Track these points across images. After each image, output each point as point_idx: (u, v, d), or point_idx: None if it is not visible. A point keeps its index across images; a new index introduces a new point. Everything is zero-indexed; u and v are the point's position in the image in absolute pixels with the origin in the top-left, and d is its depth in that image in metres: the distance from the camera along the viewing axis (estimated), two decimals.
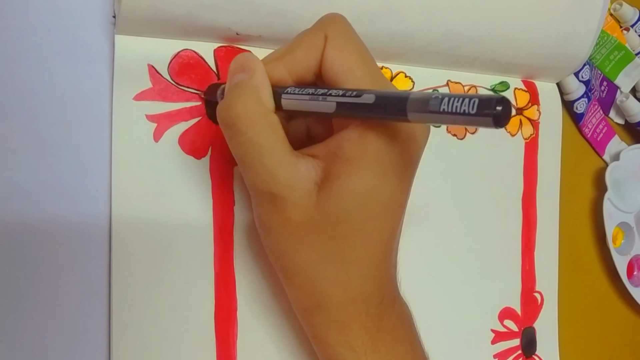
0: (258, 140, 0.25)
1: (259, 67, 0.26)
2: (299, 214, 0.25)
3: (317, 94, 0.25)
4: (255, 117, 0.25)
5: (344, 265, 0.26)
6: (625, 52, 0.47)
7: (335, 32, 0.26)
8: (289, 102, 0.26)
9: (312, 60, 0.26)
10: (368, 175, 0.25)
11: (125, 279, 0.29)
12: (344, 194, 0.25)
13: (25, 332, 0.27)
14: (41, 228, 0.28)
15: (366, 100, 0.23)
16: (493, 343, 0.40)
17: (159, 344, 0.30)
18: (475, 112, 0.20)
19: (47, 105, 0.28)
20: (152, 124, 0.30)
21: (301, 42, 0.27)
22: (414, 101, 0.22)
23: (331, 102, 0.24)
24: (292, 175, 0.25)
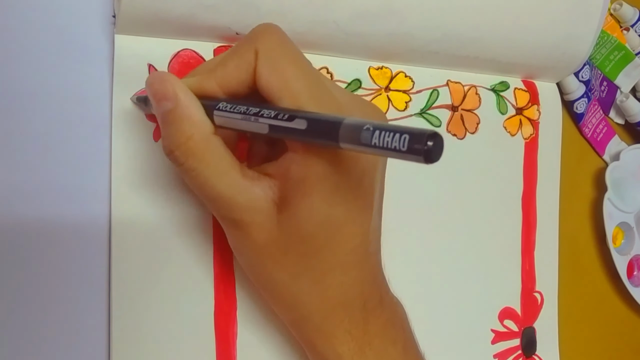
0: (207, 172, 0.25)
1: (180, 89, 0.25)
2: (263, 236, 0.25)
3: (249, 113, 0.24)
4: (195, 149, 0.24)
5: (317, 279, 0.26)
6: (625, 52, 0.47)
7: (266, 45, 0.25)
8: (221, 120, 0.25)
9: (243, 75, 0.25)
10: (318, 196, 0.24)
11: (125, 278, 0.29)
12: (301, 215, 0.24)
13: (25, 331, 0.27)
14: (41, 228, 0.28)
15: (298, 125, 0.23)
16: (493, 343, 0.40)
17: (159, 344, 0.30)
18: (405, 149, 0.19)
19: (47, 105, 0.28)
20: (152, 123, 0.30)
21: (232, 56, 0.26)
22: (346, 130, 0.21)
23: (263, 123, 0.24)
24: (249, 198, 0.25)
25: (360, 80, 0.36)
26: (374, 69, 0.37)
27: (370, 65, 0.37)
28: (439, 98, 0.39)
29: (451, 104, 0.39)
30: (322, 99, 0.25)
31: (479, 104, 0.40)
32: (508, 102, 0.42)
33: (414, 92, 0.38)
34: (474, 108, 0.40)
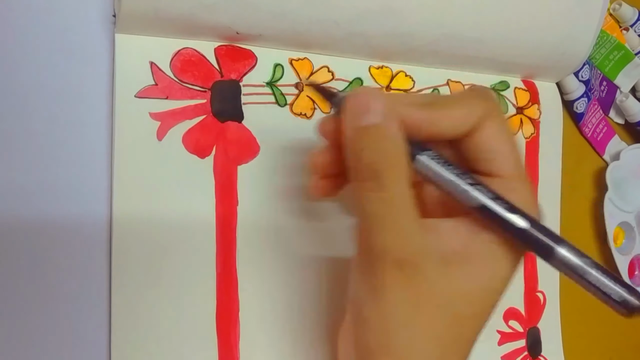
0: (401, 200, 0.23)
1: (392, 110, 0.24)
2: (427, 287, 0.23)
3: (464, 176, 0.24)
4: (400, 172, 0.23)
5: (458, 352, 0.25)
6: (624, 51, 0.47)
7: (498, 109, 0.25)
8: (427, 165, 0.24)
9: (465, 126, 0.24)
10: (510, 261, 0.24)
11: (126, 278, 0.29)
12: (482, 275, 0.24)
13: (25, 331, 0.27)
14: (42, 227, 0.28)
15: (518, 221, 0.23)
16: (500, 344, 0.40)
17: (160, 344, 0.29)
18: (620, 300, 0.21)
19: (47, 104, 0.28)
20: (156, 122, 0.30)
21: (461, 103, 0.25)
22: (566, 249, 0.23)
23: (478, 196, 0.23)
24: (426, 242, 0.23)
25: (361, 79, 0.36)
26: (374, 69, 0.37)
27: (370, 65, 0.37)
28: None
29: None
30: (525, 177, 0.25)
31: None
32: (508, 102, 0.42)
33: (414, 91, 0.38)
34: None
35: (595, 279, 0.22)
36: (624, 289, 0.21)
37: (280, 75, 0.33)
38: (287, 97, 0.33)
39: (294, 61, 0.34)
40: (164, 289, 0.30)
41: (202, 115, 0.31)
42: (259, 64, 0.33)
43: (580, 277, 0.22)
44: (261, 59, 0.33)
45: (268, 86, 0.33)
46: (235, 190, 0.32)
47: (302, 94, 0.34)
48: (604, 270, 0.22)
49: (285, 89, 0.33)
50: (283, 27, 0.31)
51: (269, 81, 0.33)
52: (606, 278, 0.22)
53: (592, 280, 0.22)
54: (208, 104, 0.31)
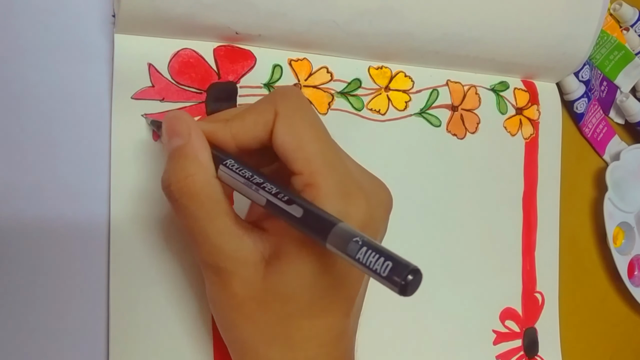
0: (201, 214, 0.24)
1: (194, 129, 0.25)
2: (243, 289, 0.25)
3: (252, 180, 0.25)
4: (195, 189, 0.24)
5: (289, 347, 0.25)
6: (625, 52, 0.47)
7: (287, 107, 0.26)
8: (224, 176, 0.25)
9: (259, 131, 0.26)
10: (318, 261, 0.24)
11: (123, 278, 0.29)
12: (292, 273, 0.24)
13: (23, 331, 0.27)
14: (40, 227, 0.28)
15: (294, 211, 0.23)
16: (495, 344, 0.40)
17: (157, 343, 0.30)
18: (385, 275, 0.20)
19: (46, 104, 0.28)
20: None
21: (252, 112, 0.26)
22: (336, 235, 0.22)
23: (262, 195, 0.24)
24: (238, 248, 0.25)
25: (360, 79, 0.36)
26: (373, 69, 0.37)
27: (370, 65, 0.37)
28: (438, 98, 0.39)
29: (451, 104, 0.39)
30: (335, 165, 0.25)
31: (479, 104, 0.40)
32: (508, 102, 0.42)
33: (413, 91, 0.38)
34: (473, 108, 0.40)
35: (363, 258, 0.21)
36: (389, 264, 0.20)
37: (279, 76, 0.33)
38: None
39: (293, 62, 0.34)
40: (161, 288, 0.30)
41: (197, 116, 0.31)
42: (258, 64, 0.33)
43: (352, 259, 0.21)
44: (260, 60, 0.33)
45: (265, 87, 0.33)
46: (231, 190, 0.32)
47: None
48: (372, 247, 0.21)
49: None
50: (282, 27, 0.31)
51: (267, 82, 0.33)
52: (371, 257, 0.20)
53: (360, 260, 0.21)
54: (203, 106, 0.31)
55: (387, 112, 0.37)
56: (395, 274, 0.20)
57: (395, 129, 0.37)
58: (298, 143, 0.25)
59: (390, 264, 0.20)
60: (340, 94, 0.35)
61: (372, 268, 0.20)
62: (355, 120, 0.36)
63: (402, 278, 0.20)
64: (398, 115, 0.37)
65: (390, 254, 0.20)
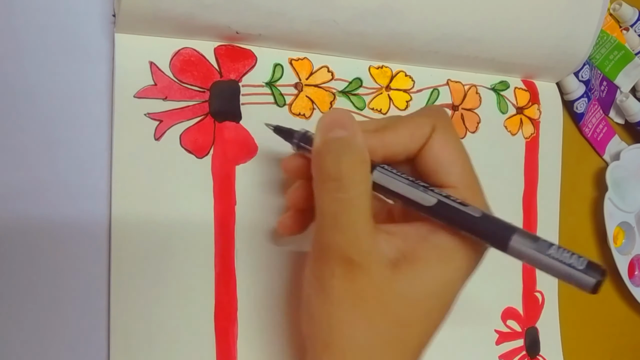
0: (358, 202, 0.24)
1: (358, 128, 0.26)
2: (371, 287, 0.24)
3: (417, 183, 0.26)
4: (360, 179, 0.25)
5: (401, 354, 0.25)
6: (624, 51, 0.47)
7: (444, 123, 0.27)
8: (383, 177, 0.26)
9: (414, 143, 0.27)
10: (455, 267, 0.25)
11: (124, 278, 0.29)
12: (426, 279, 0.25)
13: (24, 331, 0.27)
14: (41, 227, 0.28)
15: (471, 211, 0.24)
16: (498, 344, 0.40)
17: (159, 343, 0.30)
18: (582, 269, 0.22)
19: (47, 104, 0.28)
20: (154, 122, 0.30)
21: (407, 124, 0.27)
22: (521, 235, 0.23)
23: (432, 196, 0.25)
24: (375, 246, 0.25)
25: (361, 79, 0.36)
26: (374, 68, 0.37)
27: (370, 65, 0.37)
28: (439, 97, 0.39)
29: (452, 103, 0.39)
30: (479, 187, 0.27)
31: (480, 104, 0.40)
32: (508, 102, 0.42)
33: (414, 91, 0.38)
34: (474, 107, 0.40)
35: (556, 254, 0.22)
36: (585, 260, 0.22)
37: (280, 75, 0.33)
38: (286, 97, 0.33)
39: (293, 61, 0.34)
40: (163, 288, 0.30)
41: (200, 115, 0.31)
42: (259, 63, 0.33)
43: (543, 255, 0.22)
44: (261, 59, 0.33)
45: (267, 86, 0.33)
46: (234, 190, 0.32)
47: (301, 94, 0.34)
48: (560, 247, 0.22)
49: (284, 89, 0.33)
50: (283, 26, 0.31)
51: (268, 81, 0.33)
52: (565, 253, 0.22)
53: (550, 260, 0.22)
54: (206, 104, 0.31)
55: (388, 112, 0.37)
56: (592, 269, 0.21)
57: None
58: (455, 157, 0.26)
59: (586, 261, 0.22)
60: (341, 93, 0.35)
61: (567, 263, 0.22)
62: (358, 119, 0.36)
63: (598, 274, 0.21)
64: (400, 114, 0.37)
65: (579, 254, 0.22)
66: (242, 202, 0.32)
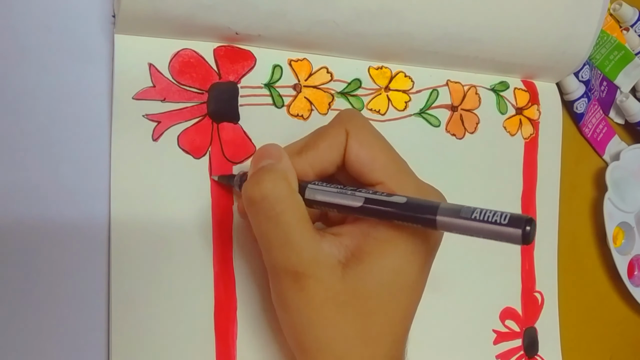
0: (285, 218, 0.26)
1: (284, 155, 0.28)
2: (323, 292, 0.26)
3: (345, 189, 0.27)
4: (283, 194, 0.26)
5: (368, 343, 0.26)
6: (625, 52, 0.47)
7: (356, 126, 0.28)
8: (313, 193, 0.27)
9: (335, 154, 0.28)
10: (400, 255, 0.26)
11: (124, 278, 0.29)
12: (374, 271, 0.26)
13: (24, 331, 0.27)
14: (40, 227, 0.28)
15: (397, 200, 0.25)
16: (495, 343, 0.40)
17: (158, 344, 0.30)
18: (506, 223, 0.22)
19: (47, 104, 0.28)
20: (152, 123, 0.30)
21: (324, 138, 0.28)
22: (444, 209, 0.24)
23: (359, 197, 0.26)
24: (317, 252, 0.26)
25: (360, 80, 0.36)
26: (373, 69, 0.37)
27: (370, 65, 0.37)
28: (438, 98, 0.39)
29: (451, 104, 0.39)
30: (407, 170, 0.28)
31: (479, 104, 0.41)
32: (508, 102, 0.42)
33: (413, 92, 0.38)
34: (473, 108, 0.40)
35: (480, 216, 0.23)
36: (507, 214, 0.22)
37: (279, 77, 0.33)
38: (285, 99, 0.34)
39: (293, 62, 0.34)
40: (162, 288, 0.30)
41: (198, 116, 0.31)
42: (258, 65, 0.33)
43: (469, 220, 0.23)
44: (260, 60, 0.33)
45: (266, 87, 0.33)
46: (231, 190, 0.32)
47: (299, 96, 0.34)
48: (483, 210, 0.23)
49: (283, 90, 0.34)
50: (282, 27, 0.31)
51: (267, 82, 0.33)
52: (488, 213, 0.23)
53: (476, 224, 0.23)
54: (205, 106, 0.31)
55: (387, 112, 0.37)
56: (515, 222, 0.22)
57: (395, 129, 0.37)
58: (373, 155, 0.28)
59: (508, 215, 0.22)
60: (340, 94, 0.35)
61: (491, 221, 0.22)
62: None
63: (523, 224, 0.22)
64: (398, 115, 0.37)
65: (502, 211, 0.23)
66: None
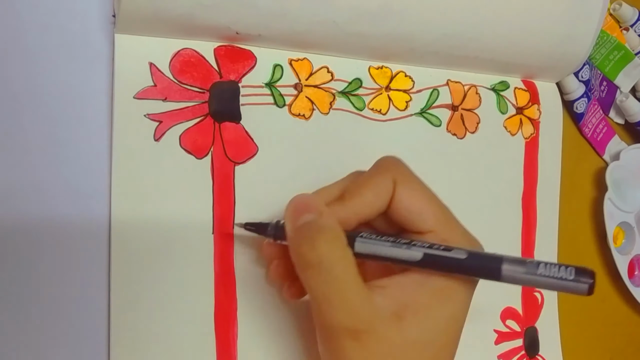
0: (342, 278, 0.26)
1: (324, 207, 0.27)
2: (382, 346, 0.26)
3: (399, 242, 0.27)
4: (339, 256, 0.26)
5: None
6: (624, 51, 0.47)
7: (403, 175, 0.28)
8: (364, 246, 0.27)
9: (380, 202, 0.28)
10: (457, 302, 0.27)
11: (124, 278, 0.29)
12: (432, 321, 0.26)
13: (24, 331, 0.27)
14: (41, 227, 0.28)
15: (457, 254, 0.26)
16: (497, 344, 0.40)
17: (159, 344, 0.30)
18: (572, 278, 0.23)
19: (47, 104, 0.28)
20: (154, 123, 0.30)
21: (369, 186, 0.28)
22: (510, 263, 0.24)
23: (417, 251, 0.26)
24: (373, 307, 0.26)
25: (361, 79, 0.36)
26: (374, 69, 0.37)
27: (370, 65, 0.37)
28: (439, 97, 0.39)
29: (451, 104, 0.39)
30: (453, 219, 0.28)
31: (479, 104, 0.41)
32: (508, 102, 0.42)
33: (414, 91, 0.38)
34: (474, 107, 0.40)
35: (546, 272, 0.24)
36: (572, 269, 0.23)
37: (279, 76, 0.33)
38: (286, 98, 0.34)
39: (293, 62, 0.34)
40: (162, 288, 0.30)
41: (200, 116, 0.31)
42: (259, 64, 0.33)
43: (535, 276, 0.24)
44: (261, 60, 0.33)
45: (267, 87, 0.33)
46: (233, 190, 0.32)
47: (300, 95, 0.34)
48: (547, 263, 0.24)
49: (284, 89, 0.34)
50: (282, 27, 0.31)
51: (268, 82, 0.33)
52: (553, 268, 0.24)
53: (542, 279, 0.24)
54: (206, 105, 0.31)
55: (388, 112, 0.37)
56: (581, 276, 0.23)
57: (396, 128, 0.37)
58: (424, 204, 0.28)
59: (574, 269, 0.23)
60: (341, 93, 0.35)
61: (557, 277, 0.23)
62: (357, 120, 0.36)
63: (588, 278, 0.23)
64: (399, 115, 0.37)
65: (565, 264, 0.24)
66: (242, 203, 0.32)
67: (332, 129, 0.35)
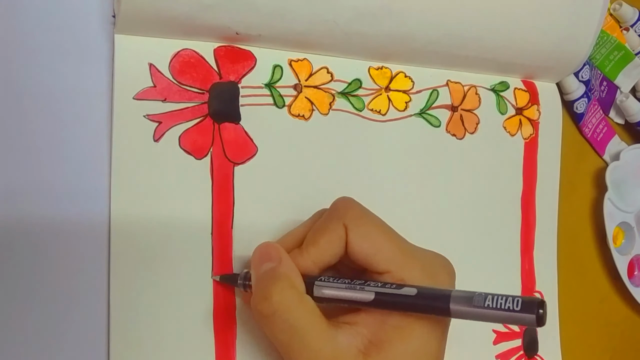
0: (300, 324, 0.26)
1: (284, 255, 0.28)
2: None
3: (354, 283, 0.27)
4: (293, 302, 0.26)
5: None
6: (625, 52, 0.47)
7: (353, 218, 0.28)
8: (322, 290, 0.28)
9: (336, 248, 0.28)
10: (417, 338, 0.27)
11: (124, 278, 0.29)
12: (395, 357, 0.27)
13: (24, 330, 0.27)
14: (40, 227, 0.28)
15: (407, 292, 0.26)
16: (495, 344, 0.40)
17: (158, 344, 0.30)
18: (519, 309, 0.23)
19: (47, 105, 0.28)
20: (153, 123, 0.30)
21: (322, 234, 0.29)
22: (457, 298, 0.25)
23: (369, 292, 0.27)
24: (336, 348, 0.26)
25: (361, 80, 0.36)
26: (373, 69, 0.37)
27: (370, 65, 0.37)
28: (438, 98, 0.39)
29: (451, 104, 0.39)
30: (412, 254, 0.29)
31: (479, 104, 0.41)
32: (508, 102, 0.42)
33: (413, 92, 0.38)
34: (473, 108, 0.40)
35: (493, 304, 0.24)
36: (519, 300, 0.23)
37: (279, 77, 0.33)
38: (286, 99, 0.34)
39: (293, 62, 0.34)
40: (161, 288, 0.30)
41: (199, 116, 0.31)
42: (258, 65, 0.33)
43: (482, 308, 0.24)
44: (260, 60, 0.33)
45: (267, 87, 0.33)
46: (232, 191, 0.32)
47: (300, 96, 0.34)
48: (495, 295, 0.24)
49: (283, 90, 0.34)
50: (282, 27, 0.31)
51: (267, 82, 0.33)
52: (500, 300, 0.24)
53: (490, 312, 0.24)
54: (206, 106, 0.31)
55: (387, 113, 0.37)
56: (527, 307, 0.23)
57: (395, 129, 0.37)
58: (376, 246, 0.28)
59: (519, 300, 0.23)
60: (341, 94, 0.35)
61: (504, 308, 0.23)
62: (357, 120, 0.36)
63: (535, 309, 0.23)
64: (398, 115, 0.37)
65: (513, 295, 0.24)
66: (241, 203, 0.32)
67: (332, 130, 0.35)
